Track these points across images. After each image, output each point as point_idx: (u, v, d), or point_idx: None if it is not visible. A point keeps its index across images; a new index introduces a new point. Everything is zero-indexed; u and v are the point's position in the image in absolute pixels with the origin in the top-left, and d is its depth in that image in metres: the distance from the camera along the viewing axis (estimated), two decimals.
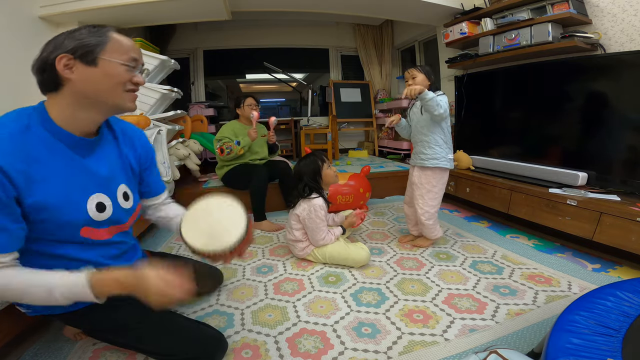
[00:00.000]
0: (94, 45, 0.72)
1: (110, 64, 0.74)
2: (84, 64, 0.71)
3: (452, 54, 3.02)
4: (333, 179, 1.76)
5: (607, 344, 0.74)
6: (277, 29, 4.43)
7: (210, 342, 0.97)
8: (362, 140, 4.83)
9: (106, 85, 0.74)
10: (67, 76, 0.71)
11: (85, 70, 0.72)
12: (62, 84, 0.72)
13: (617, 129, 1.78)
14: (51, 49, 0.71)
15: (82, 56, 0.71)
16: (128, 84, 0.78)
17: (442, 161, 1.73)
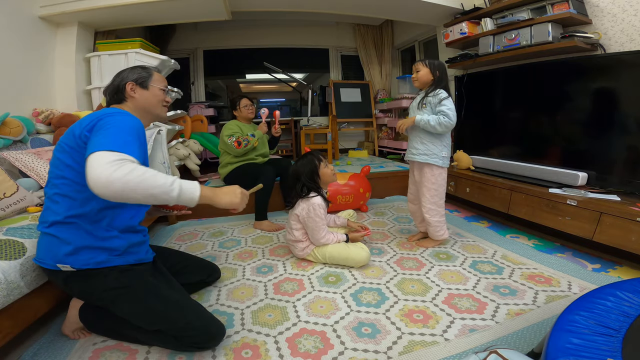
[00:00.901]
0: (147, 77, 1.18)
1: (156, 89, 1.19)
2: (141, 88, 1.17)
3: (452, 54, 3.02)
4: (331, 178, 1.76)
5: (607, 344, 0.74)
6: (277, 29, 4.44)
7: (213, 322, 1.07)
8: (362, 140, 4.83)
9: (153, 101, 1.19)
10: (131, 95, 1.15)
11: (142, 92, 1.17)
12: (126, 99, 1.16)
13: (617, 129, 1.78)
14: (120, 79, 1.15)
15: (141, 83, 1.16)
16: (163, 102, 1.23)
17: (433, 158, 1.71)
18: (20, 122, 1.80)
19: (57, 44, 2.51)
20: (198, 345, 1.05)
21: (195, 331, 1.03)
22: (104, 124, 0.94)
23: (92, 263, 1.01)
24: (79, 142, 0.97)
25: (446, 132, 1.69)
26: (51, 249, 1.00)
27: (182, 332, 1.02)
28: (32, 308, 1.07)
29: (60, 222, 0.99)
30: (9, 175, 1.44)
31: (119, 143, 0.89)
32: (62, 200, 1.00)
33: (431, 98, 1.68)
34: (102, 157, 0.84)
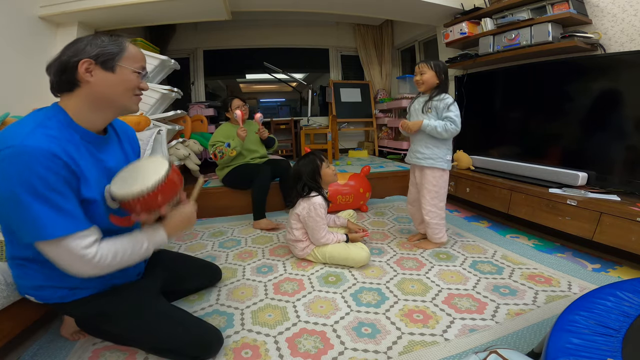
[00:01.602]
0: (115, 53, 0.80)
1: (126, 71, 0.82)
2: (103, 69, 0.80)
3: (452, 54, 3.02)
4: (332, 178, 1.76)
5: (607, 344, 0.74)
6: (277, 29, 4.43)
7: (208, 330, 1.05)
8: (362, 140, 4.83)
9: (120, 90, 0.83)
10: (86, 79, 0.79)
11: (103, 75, 0.80)
12: (79, 85, 0.80)
13: (617, 129, 1.78)
14: (72, 53, 0.79)
15: (103, 62, 0.79)
16: (136, 89, 0.87)
17: (439, 162, 1.71)
18: None
19: (57, 44, 2.50)
20: (199, 358, 1.02)
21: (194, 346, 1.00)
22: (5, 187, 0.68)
23: (56, 297, 0.89)
24: None
25: (451, 137, 1.71)
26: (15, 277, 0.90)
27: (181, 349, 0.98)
28: (32, 308, 1.06)
29: (10, 258, 0.87)
30: None
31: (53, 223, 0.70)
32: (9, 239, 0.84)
33: (437, 102, 1.68)
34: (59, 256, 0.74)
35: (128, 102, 0.87)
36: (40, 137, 0.72)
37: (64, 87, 0.82)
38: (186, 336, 0.98)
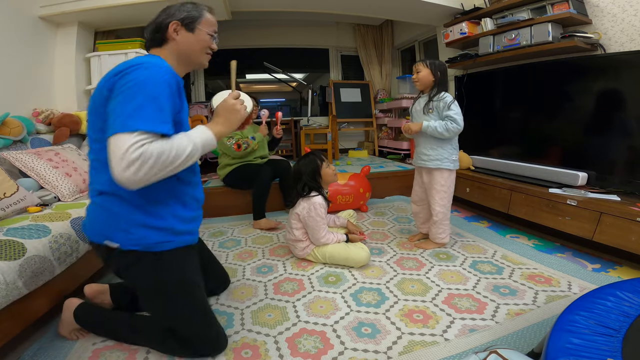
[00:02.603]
0: (196, 17, 0.99)
1: (202, 33, 1.00)
2: (186, 30, 0.98)
3: (452, 54, 3.02)
4: (332, 178, 1.76)
5: (607, 344, 0.74)
6: (277, 29, 4.43)
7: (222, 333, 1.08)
8: (362, 140, 4.83)
9: (197, 47, 1.02)
10: (173, 37, 0.98)
11: (186, 35, 0.99)
12: (167, 42, 0.99)
13: (617, 129, 1.78)
14: (165, 16, 0.98)
15: (186, 24, 0.98)
16: (208, 49, 1.05)
17: (445, 162, 1.71)
18: (20, 122, 1.80)
19: (57, 44, 2.51)
20: (199, 353, 1.03)
21: (207, 341, 1.03)
22: (124, 85, 0.81)
23: (142, 245, 0.93)
24: (102, 100, 0.85)
25: (454, 137, 1.70)
26: (99, 221, 0.94)
27: (196, 339, 1.01)
28: (32, 308, 1.07)
29: (106, 193, 0.92)
30: (9, 175, 1.44)
31: (139, 116, 0.77)
32: (101, 168, 0.89)
33: (437, 102, 1.68)
34: (118, 151, 0.74)
35: (201, 58, 1.05)
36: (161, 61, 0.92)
37: (156, 43, 1.00)
38: (204, 330, 1.02)
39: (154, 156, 0.76)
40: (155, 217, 0.94)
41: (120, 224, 0.92)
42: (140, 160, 0.74)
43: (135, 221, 0.92)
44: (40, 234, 1.14)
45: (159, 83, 0.83)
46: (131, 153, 0.74)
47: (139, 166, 0.75)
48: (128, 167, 0.74)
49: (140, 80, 0.81)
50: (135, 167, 0.74)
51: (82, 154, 1.95)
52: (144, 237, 0.93)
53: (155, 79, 0.83)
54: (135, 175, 0.75)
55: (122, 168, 0.74)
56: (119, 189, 0.84)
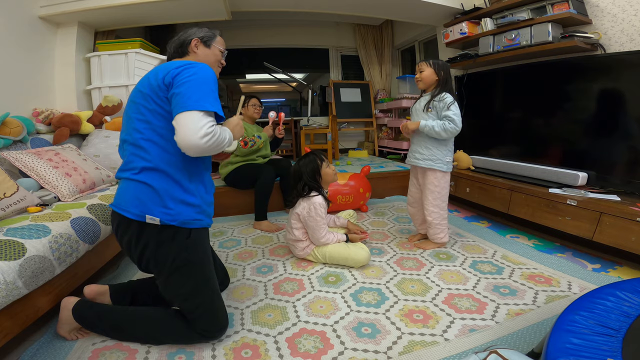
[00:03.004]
0: (212, 37, 1.23)
1: (216, 49, 1.24)
2: (204, 46, 1.21)
3: (452, 54, 3.02)
4: (332, 178, 1.76)
5: (607, 344, 0.74)
6: (277, 29, 4.43)
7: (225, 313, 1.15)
8: (362, 140, 4.83)
9: (212, 60, 1.22)
10: (194, 50, 1.19)
11: (203, 49, 1.21)
12: (188, 54, 1.19)
13: (617, 129, 1.78)
14: (187, 35, 1.19)
15: (205, 42, 1.20)
16: (219, 63, 1.28)
17: (438, 163, 1.71)
18: (20, 122, 1.80)
19: (57, 44, 2.50)
20: (207, 334, 1.08)
21: (214, 318, 1.09)
22: (190, 76, 0.98)
23: (179, 221, 1.03)
24: (161, 86, 1.00)
25: (451, 137, 1.69)
26: (140, 197, 1.01)
27: (206, 318, 1.07)
28: (32, 308, 1.07)
29: (152, 169, 1.02)
30: (9, 175, 1.44)
31: (207, 100, 0.95)
32: (149, 147, 1.02)
33: (437, 102, 1.67)
34: (195, 123, 0.91)
35: (214, 69, 1.23)
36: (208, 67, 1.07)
37: (178, 55, 1.19)
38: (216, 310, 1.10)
39: (217, 134, 0.95)
40: (190, 194, 1.06)
41: (162, 199, 1.02)
42: (212, 134, 0.93)
43: (174, 196, 1.03)
44: (40, 234, 1.14)
45: (214, 76, 1.04)
46: (208, 127, 0.92)
47: (210, 138, 0.92)
48: (203, 137, 0.91)
49: (202, 74, 1.00)
50: (208, 138, 0.92)
51: (82, 154, 1.95)
52: (180, 213, 1.04)
53: (212, 73, 1.03)
54: (206, 144, 0.92)
55: (199, 136, 0.90)
56: (166, 165, 1.01)
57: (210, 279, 1.12)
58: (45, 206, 1.50)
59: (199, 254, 1.09)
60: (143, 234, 1.03)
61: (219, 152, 1.02)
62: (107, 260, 1.57)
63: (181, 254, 1.05)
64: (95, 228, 1.39)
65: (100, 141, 2.17)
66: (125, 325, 1.11)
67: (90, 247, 1.36)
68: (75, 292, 1.27)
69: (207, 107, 0.95)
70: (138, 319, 1.12)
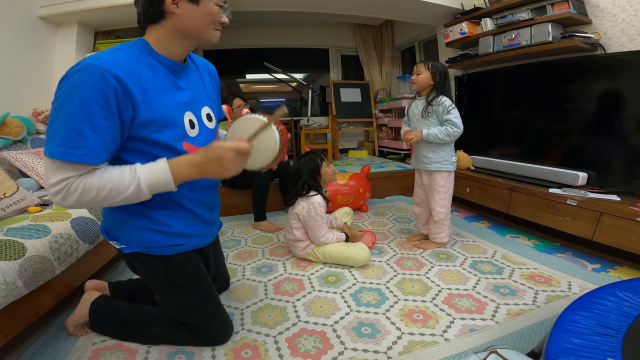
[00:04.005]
0: None
1: (209, 4, 0.84)
2: (188, 1, 0.81)
3: (452, 54, 3.02)
4: (331, 178, 1.77)
5: (607, 344, 0.74)
6: (277, 29, 4.43)
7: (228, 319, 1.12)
8: (362, 140, 4.83)
9: (203, 22, 0.85)
10: (172, 10, 0.81)
11: (189, 7, 0.82)
12: (165, 16, 0.82)
13: (617, 129, 1.78)
14: None
15: None
16: (217, 23, 0.90)
17: (445, 164, 1.73)
18: (20, 122, 1.80)
19: (57, 44, 2.51)
20: (212, 341, 1.08)
21: (215, 329, 1.07)
22: (58, 97, 0.72)
23: (146, 248, 0.92)
24: None
25: (454, 140, 1.71)
26: (107, 220, 0.95)
27: (207, 330, 1.06)
28: (32, 308, 1.07)
29: None
30: (9, 175, 1.44)
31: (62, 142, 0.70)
32: None
33: (436, 107, 1.68)
34: (46, 174, 0.72)
35: (209, 34, 0.89)
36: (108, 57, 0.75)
37: (150, 19, 0.84)
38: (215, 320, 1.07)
39: (77, 192, 0.71)
40: (159, 223, 0.91)
41: (123, 226, 0.92)
42: (65, 191, 0.71)
43: (137, 224, 0.91)
44: (40, 234, 1.14)
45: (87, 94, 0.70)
46: (52, 183, 0.71)
47: (64, 196, 0.71)
48: (55, 195, 0.72)
49: (69, 89, 0.71)
50: (61, 196, 0.71)
51: None
52: (148, 240, 0.92)
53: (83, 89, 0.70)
54: (64, 202, 0.72)
55: (51, 193, 0.72)
56: None
57: (207, 294, 1.04)
58: (45, 206, 1.50)
59: (186, 278, 0.99)
60: (125, 256, 0.98)
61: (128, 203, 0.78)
62: (107, 260, 1.57)
63: (163, 279, 0.97)
64: (95, 228, 1.39)
65: None
66: (136, 323, 1.11)
67: (90, 247, 1.36)
68: (75, 292, 1.27)
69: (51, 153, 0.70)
70: (151, 319, 1.10)
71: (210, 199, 1.04)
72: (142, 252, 0.93)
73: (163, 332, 1.09)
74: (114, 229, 0.94)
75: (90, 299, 1.15)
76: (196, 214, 0.98)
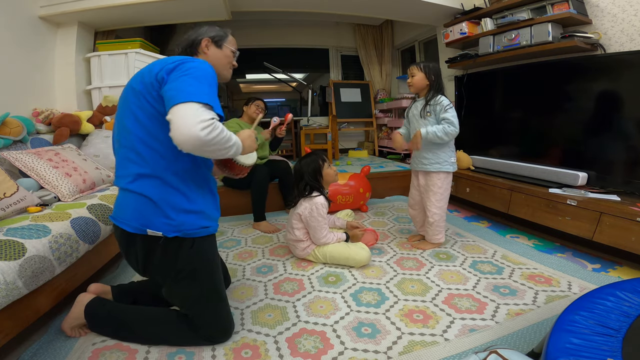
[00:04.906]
0: (223, 37, 1.15)
1: (227, 50, 1.16)
2: (215, 46, 1.13)
3: (452, 54, 3.02)
4: (333, 178, 1.77)
5: (607, 344, 0.74)
6: (277, 29, 4.43)
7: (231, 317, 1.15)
8: (362, 140, 4.83)
9: (223, 62, 1.15)
10: (204, 51, 1.12)
11: (215, 50, 1.13)
12: (198, 54, 1.12)
13: (617, 129, 1.78)
14: (197, 34, 1.12)
15: (216, 42, 1.13)
16: (231, 64, 1.18)
17: (445, 165, 1.72)
18: (20, 122, 1.80)
19: (57, 44, 2.51)
20: (212, 339, 1.09)
21: (219, 325, 1.09)
22: (187, 70, 0.90)
23: (183, 231, 0.98)
24: (154, 83, 0.92)
25: (451, 139, 1.70)
26: (139, 209, 0.96)
27: (210, 324, 1.07)
28: (32, 308, 1.07)
29: (147, 176, 0.95)
30: (9, 175, 1.44)
31: (207, 94, 0.87)
32: (143, 150, 0.95)
33: (434, 106, 1.68)
34: (194, 113, 0.82)
35: (226, 72, 1.17)
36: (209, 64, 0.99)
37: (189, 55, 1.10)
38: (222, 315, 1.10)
39: (220, 128, 0.85)
40: (192, 202, 1.01)
41: (162, 210, 0.96)
42: (213, 126, 0.83)
43: (175, 205, 0.97)
44: (40, 234, 1.14)
45: (214, 74, 0.96)
46: (209, 118, 0.83)
47: (211, 130, 0.82)
48: (203, 129, 0.81)
49: (202, 68, 0.93)
50: (209, 130, 0.82)
51: (82, 154, 1.95)
52: (184, 223, 0.99)
53: (212, 71, 0.96)
54: (207, 137, 0.81)
55: (199, 127, 0.80)
56: (163, 171, 0.95)
57: (217, 286, 1.10)
58: (45, 206, 1.50)
59: (205, 263, 1.06)
60: (146, 247, 1.00)
61: (222, 155, 0.91)
62: (107, 260, 1.57)
63: (186, 264, 1.02)
64: (95, 228, 1.39)
65: (100, 141, 2.17)
66: (134, 324, 1.11)
67: (90, 247, 1.36)
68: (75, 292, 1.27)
69: (206, 100, 0.86)
70: (148, 320, 1.11)
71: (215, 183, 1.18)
72: (180, 236, 0.99)
73: (162, 331, 1.09)
74: (147, 215, 0.96)
75: (84, 301, 1.14)
76: (214, 194, 1.12)
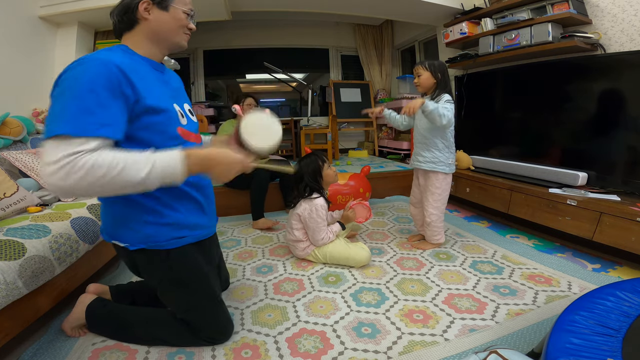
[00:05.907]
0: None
1: (177, 11, 0.94)
2: (159, 8, 0.92)
3: (452, 54, 3.02)
4: (333, 179, 1.77)
5: (607, 344, 0.74)
6: (277, 29, 4.43)
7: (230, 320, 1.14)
8: (362, 140, 4.83)
9: (173, 26, 0.95)
10: (144, 17, 0.91)
11: (159, 14, 0.92)
12: (138, 23, 0.92)
13: (617, 129, 1.78)
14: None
15: (158, 3, 0.91)
16: (185, 28, 0.99)
17: (440, 165, 1.71)
18: (20, 122, 1.80)
19: (57, 44, 2.51)
20: (212, 340, 1.08)
21: (218, 327, 1.08)
22: (59, 87, 0.73)
23: (149, 243, 0.93)
24: None
25: (444, 126, 1.59)
26: (106, 220, 0.96)
27: (208, 327, 1.06)
28: (32, 308, 1.07)
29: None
30: (9, 175, 1.44)
31: (68, 118, 0.69)
32: None
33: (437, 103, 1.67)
34: (46, 156, 0.67)
35: (179, 38, 0.98)
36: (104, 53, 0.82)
37: (125, 26, 0.93)
38: (217, 318, 1.08)
39: (84, 169, 0.67)
40: (160, 214, 0.93)
41: (125, 223, 0.93)
42: (69, 166, 0.66)
43: (139, 218, 0.92)
44: (40, 234, 1.14)
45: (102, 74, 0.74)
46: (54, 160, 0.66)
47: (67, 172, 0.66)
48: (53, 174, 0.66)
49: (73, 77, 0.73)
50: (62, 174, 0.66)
51: None
52: (150, 236, 0.93)
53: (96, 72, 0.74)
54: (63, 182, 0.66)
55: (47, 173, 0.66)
56: None
57: (207, 291, 1.06)
58: (45, 206, 1.50)
59: (189, 272, 1.02)
60: (127, 255, 0.99)
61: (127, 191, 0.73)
62: (107, 260, 1.57)
63: (165, 274, 0.99)
64: (95, 228, 1.39)
65: None
66: (134, 325, 1.11)
67: (90, 247, 1.36)
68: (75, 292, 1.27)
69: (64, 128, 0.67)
70: (148, 321, 1.11)
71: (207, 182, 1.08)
72: (147, 248, 0.94)
73: (162, 333, 1.09)
74: (117, 228, 0.95)
75: (86, 301, 1.15)
76: (196, 199, 1.01)
